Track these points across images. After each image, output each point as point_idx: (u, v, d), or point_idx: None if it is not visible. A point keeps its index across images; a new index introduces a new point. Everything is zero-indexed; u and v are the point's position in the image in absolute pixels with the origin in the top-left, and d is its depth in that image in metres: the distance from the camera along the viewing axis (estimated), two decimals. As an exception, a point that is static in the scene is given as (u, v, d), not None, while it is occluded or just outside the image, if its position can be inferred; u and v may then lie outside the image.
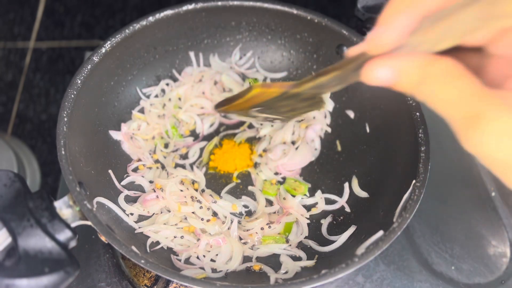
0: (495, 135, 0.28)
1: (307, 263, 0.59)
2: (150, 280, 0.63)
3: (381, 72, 0.32)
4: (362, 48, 0.34)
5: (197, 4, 0.68)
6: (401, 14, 0.31)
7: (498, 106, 0.29)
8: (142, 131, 0.70)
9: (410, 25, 0.31)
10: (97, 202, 0.56)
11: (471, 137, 0.29)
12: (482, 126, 0.29)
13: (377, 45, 0.32)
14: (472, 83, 0.30)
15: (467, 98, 0.30)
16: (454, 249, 0.68)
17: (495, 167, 0.30)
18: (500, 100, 0.29)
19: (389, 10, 0.31)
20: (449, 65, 0.31)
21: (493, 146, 0.29)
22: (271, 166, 0.68)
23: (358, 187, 0.65)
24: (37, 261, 0.46)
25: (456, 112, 0.30)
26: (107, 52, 0.64)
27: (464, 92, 0.30)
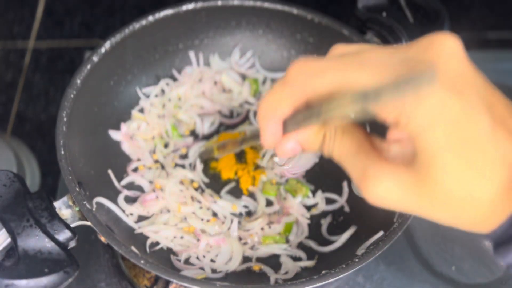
0: (382, 193, 0.33)
1: (307, 264, 0.59)
2: (149, 280, 0.63)
3: (289, 146, 0.37)
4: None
5: (197, 3, 0.68)
6: (268, 122, 0.37)
7: (381, 163, 0.33)
8: (142, 131, 0.70)
9: (278, 127, 0.37)
10: (96, 202, 0.56)
11: (364, 192, 0.34)
12: (369, 183, 0.33)
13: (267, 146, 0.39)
14: (358, 139, 0.35)
15: (354, 154, 0.35)
16: (455, 250, 0.68)
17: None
18: (382, 155, 0.34)
19: (260, 120, 0.37)
20: (337, 126, 0.36)
21: (384, 201, 0.33)
22: (277, 171, 0.67)
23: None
24: (37, 262, 0.46)
25: (348, 167, 0.35)
26: (106, 52, 0.64)
27: (350, 148, 0.35)
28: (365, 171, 0.33)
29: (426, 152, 0.31)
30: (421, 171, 0.31)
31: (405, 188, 0.32)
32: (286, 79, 0.35)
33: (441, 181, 0.31)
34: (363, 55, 0.32)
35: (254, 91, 0.75)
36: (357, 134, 0.36)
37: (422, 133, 0.30)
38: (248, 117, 0.73)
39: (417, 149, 0.31)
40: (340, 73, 0.32)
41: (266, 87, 0.75)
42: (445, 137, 0.30)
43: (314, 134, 0.37)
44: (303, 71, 0.34)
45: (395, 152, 0.34)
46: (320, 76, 0.33)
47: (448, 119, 0.30)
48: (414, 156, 0.32)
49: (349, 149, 0.35)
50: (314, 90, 0.33)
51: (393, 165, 0.33)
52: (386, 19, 0.67)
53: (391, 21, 0.66)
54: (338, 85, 0.32)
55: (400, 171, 0.32)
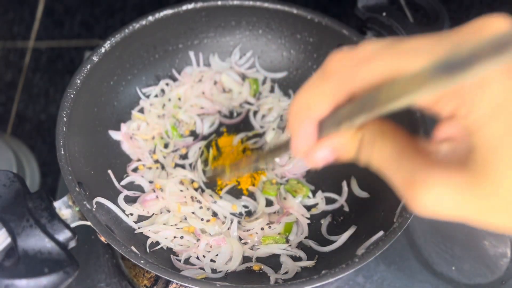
0: (434, 200, 0.28)
1: (307, 263, 0.59)
2: (149, 280, 0.63)
3: (322, 154, 0.34)
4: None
5: (197, 3, 0.68)
6: (302, 123, 0.32)
7: (430, 166, 0.29)
8: (142, 131, 0.70)
9: (313, 130, 0.32)
10: (96, 202, 0.56)
11: (413, 202, 0.29)
12: (419, 191, 0.29)
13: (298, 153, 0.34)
14: (399, 140, 0.31)
15: (397, 159, 0.30)
16: (455, 249, 0.68)
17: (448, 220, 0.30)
18: (429, 157, 0.30)
19: (291, 121, 0.33)
20: (376, 126, 0.31)
21: (437, 210, 0.29)
22: (278, 172, 0.67)
23: (357, 187, 0.65)
24: (37, 262, 0.46)
25: (391, 174, 0.31)
26: (106, 52, 0.64)
27: (392, 152, 0.30)
28: (412, 177, 0.29)
29: (485, 148, 0.27)
30: (479, 170, 0.27)
31: (460, 192, 0.28)
32: (325, 69, 0.31)
33: (504, 180, 0.27)
34: (408, 43, 0.28)
35: (254, 91, 0.75)
36: (398, 136, 0.31)
37: (483, 125, 0.26)
38: (248, 117, 0.73)
39: (475, 144, 0.27)
40: (391, 60, 0.28)
41: (266, 87, 0.75)
42: (509, 129, 0.26)
43: (350, 139, 0.33)
44: (346, 60, 0.30)
45: (445, 153, 0.30)
46: (368, 65, 0.28)
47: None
48: (469, 154, 0.28)
49: (391, 154, 0.31)
50: (362, 81, 0.29)
51: (444, 167, 0.29)
52: (386, 19, 0.67)
53: (391, 21, 0.66)
54: (390, 73, 0.28)
55: (453, 173, 0.28)
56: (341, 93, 0.30)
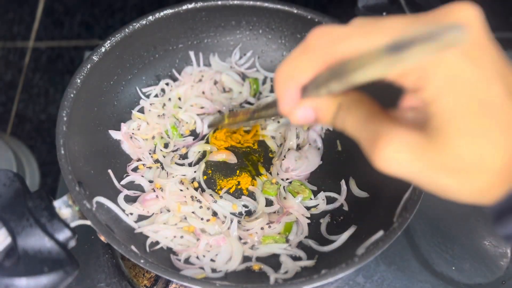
0: (392, 154, 0.32)
1: (307, 263, 0.59)
2: (149, 280, 0.63)
3: (304, 112, 0.38)
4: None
5: (197, 3, 0.68)
6: (287, 86, 0.37)
7: (393, 126, 0.33)
8: (142, 130, 0.70)
9: (297, 92, 0.37)
10: (96, 202, 0.56)
11: (374, 156, 0.33)
12: (380, 146, 0.33)
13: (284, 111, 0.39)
14: (371, 108, 0.35)
15: (367, 121, 0.35)
16: (455, 249, 0.68)
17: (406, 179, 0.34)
18: (395, 121, 0.34)
19: (278, 87, 0.37)
20: (353, 96, 0.36)
21: (394, 164, 0.33)
22: (283, 175, 0.67)
23: (356, 187, 0.65)
24: (37, 261, 0.46)
25: (360, 135, 0.35)
26: (106, 51, 0.64)
27: (364, 116, 0.35)
28: (375, 135, 0.33)
29: (440, 116, 0.31)
30: (433, 135, 0.31)
31: (415, 151, 0.32)
32: (307, 43, 0.35)
33: (453, 145, 0.31)
34: (385, 22, 0.32)
35: (255, 91, 0.75)
36: (370, 104, 0.36)
37: (438, 96, 0.30)
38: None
39: (431, 113, 0.31)
40: (365, 38, 0.32)
41: (266, 87, 0.75)
42: (460, 102, 0.30)
43: (329, 103, 0.37)
44: (326, 36, 0.34)
45: (407, 119, 0.34)
46: (344, 41, 0.32)
47: (463, 84, 0.30)
48: (427, 121, 0.32)
49: (361, 118, 0.35)
50: (337, 54, 0.33)
51: (405, 128, 0.33)
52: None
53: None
54: (359, 50, 0.31)
55: (411, 133, 0.32)
56: (320, 64, 0.34)
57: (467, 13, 0.31)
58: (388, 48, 0.27)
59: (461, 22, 0.30)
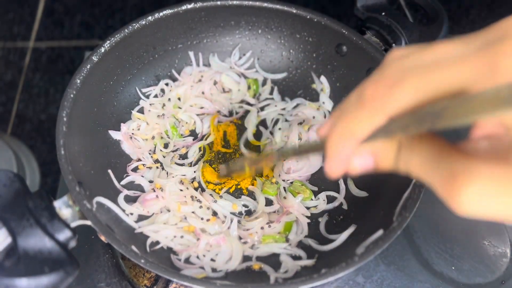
0: (476, 195, 0.27)
1: (307, 262, 0.59)
2: (150, 280, 0.63)
3: (362, 161, 0.34)
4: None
5: (196, 3, 0.68)
6: (345, 145, 0.33)
7: (469, 162, 0.28)
8: (142, 131, 0.70)
9: (354, 150, 0.33)
10: (96, 202, 0.56)
11: (455, 202, 0.28)
12: (459, 187, 0.28)
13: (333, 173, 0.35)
14: (437, 144, 0.30)
15: (436, 160, 0.30)
16: (454, 249, 0.68)
17: (496, 221, 0.29)
18: (469, 155, 0.29)
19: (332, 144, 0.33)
20: (412, 135, 0.31)
21: (479, 206, 0.28)
22: (284, 176, 0.67)
23: (355, 187, 0.65)
24: (37, 261, 0.46)
25: (431, 177, 0.30)
26: (106, 51, 0.64)
27: (431, 154, 0.30)
28: (451, 175, 0.28)
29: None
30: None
31: (503, 186, 0.27)
32: (363, 96, 0.31)
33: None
34: (434, 52, 0.29)
35: (254, 92, 0.75)
36: (436, 140, 0.31)
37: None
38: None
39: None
40: (423, 78, 0.28)
41: (266, 88, 0.75)
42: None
43: (389, 145, 0.33)
44: (381, 86, 0.30)
45: (484, 150, 0.29)
46: (400, 87, 0.29)
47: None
48: (510, 148, 0.28)
49: (429, 157, 0.30)
50: (398, 104, 0.29)
51: (484, 162, 0.28)
52: (385, 18, 0.67)
53: (390, 21, 0.66)
54: (424, 92, 0.28)
55: (494, 167, 0.27)
56: (380, 118, 0.30)
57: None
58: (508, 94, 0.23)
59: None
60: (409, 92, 0.29)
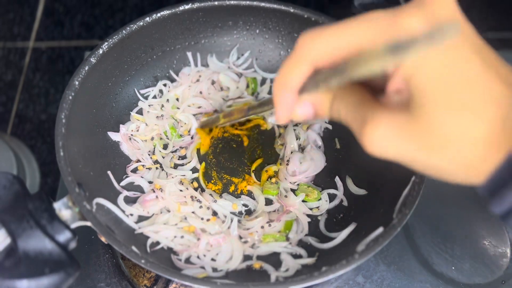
0: (380, 137, 0.34)
1: (307, 261, 0.59)
2: (150, 280, 0.64)
3: (303, 109, 0.40)
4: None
5: (194, 4, 0.68)
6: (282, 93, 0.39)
7: (380, 111, 0.35)
8: (141, 132, 0.70)
9: (293, 98, 0.39)
10: (96, 203, 0.56)
11: (364, 141, 0.35)
12: (368, 130, 0.35)
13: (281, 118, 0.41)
14: (362, 95, 0.37)
15: (358, 108, 0.36)
16: (454, 249, 0.68)
17: (398, 161, 0.36)
18: (383, 106, 0.35)
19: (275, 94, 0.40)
20: (346, 86, 0.38)
21: (382, 146, 0.34)
22: (291, 179, 0.67)
23: (353, 185, 0.65)
24: (37, 262, 0.46)
25: (352, 121, 0.37)
26: (104, 53, 0.64)
27: (356, 103, 0.37)
28: (365, 119, 0.35)
29: (419, 93, 0.32)
30: (416, 113, 0.32)
31: (401, 132, 0.33)
32: (294, 49, 0.37)
33: (435, 120, 0.32)
34: (357, 20, 0.35)
35: (252, 90, 0.75)
36: (360, 91, 0.38)
37: (415, 73, 0.32)
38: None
39: (411, 91, 0.32)
40: (338, 37, 0.35)
41: (264, 87, 0.75)
42: (437, 76, 0.31)
43: (325, 96, 0.39)
44: (308, 42, 0.36)
45: (396, 102, 0.35)
46: (319, 38, 0.35)
47: (440, 59, 0.31)
48: (410, 100, 0.33)
49: (354, 104, 0.37)
50: (317, 52, 0.35)
51: (389, 111, 0.34)
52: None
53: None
54: (338, 44, 0.34)
55: (396, 114, 0.34)
56: (306, 65, 0.37)
57: (446, 2, 0.33)
58: (389, 48, 0.28)
59: (441, 10, 0.32)
60: (327, 43, 0.35)
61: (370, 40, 0.33)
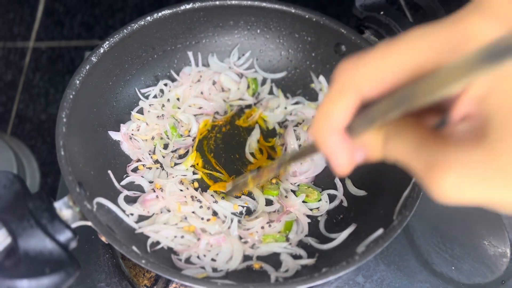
0: (453, 184, 0.27)
1: (307, 262, 0.59)
2: (150, 280, 0.64)
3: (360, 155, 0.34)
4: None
5: (195, 3, 0.68)
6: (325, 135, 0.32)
7: (448, 148, 0.28)
8: (141, 131, 0.70)
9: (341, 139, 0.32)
10: (97, 203, 0.56)
11: (434, 190, 0.28)
12: (437, 176, 0.27)
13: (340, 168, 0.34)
14: (420, 130, 0.30)
15: (419, 147, 0.29)
16: (454, 249, 0.68)
17: (480, 206, 0.29)
18: (449, 141, 0.28)
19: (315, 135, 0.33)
20: (399, 121, 0.31)
21: (460, 193, 0.27)
22: (292, 180, 0.67)
23: (353, 186, 0.65)
24: (38, 262, 0.46)
25: (415, 165, 0.30)
26: (105, 52, 0.64)
27: (415, 142, 0.30)
28: (430, 163, 0.28)
29: (497, 116, 0.26)
30: (496, 142, 0.26)
31: (480, 168, 0.26)
32: (333, 80, 0.32)
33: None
34: (406, 37, 0.29)
35: (253, 91, 0.75)
36: (417, 125, 0.31)
37: (490, 92, 0.26)
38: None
39: (486, 115, 0.26)
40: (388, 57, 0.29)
41: (265, 87, 0.75)
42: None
43: (375, 135, 0.32)
44: (349, 69, 0.31)
45: (463, 132, 0.28)
46: (366, 66, 0.30)
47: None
48: (484, 126, 0.27)
49: (413, 145, 0.30)
50: (365, 78, 0.30)
51: (461, 146, 0.27)
52: (384, 17, 0.67)
53: (389, 20, 0.66)
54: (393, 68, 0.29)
55: (469, 150, 0.27)
56: (351, 94, 0.31)
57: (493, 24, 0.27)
58: (486, 54, 0.22)
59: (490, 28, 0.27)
60: (374, 67, 0.29)
61: (430, 56, 0.28)
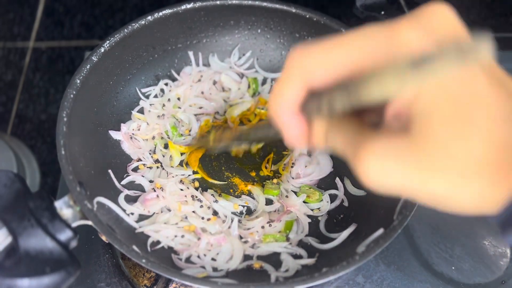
0: (375, 163, 0.30)
1: (307, 261, 0.59)
2: (150, 280, 0.64)
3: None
4: None
5: (196, 3, 0.68)
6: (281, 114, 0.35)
7: (375, 136, 0.31)
8: (142, 131, 0.70)
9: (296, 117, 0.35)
10: (97, 202, 0.56)
11: (358, 170, 0.31)
12: (361, 156, 0.30)
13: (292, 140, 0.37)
14: (359, 126, 0.33)
15: (354, 138, 0.32)
16: (454, 249, 0.68)
17: (397, 193, 0.31)
18: (376, 133, 0.31)
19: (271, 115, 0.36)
20: (343, 117, 0.35)
21: (379, 174, 0.30)
22: (295, 182, 0.67)
23: (352, 186, 0.65)
24: (38, 261, 0.46)
25: (348, 152, 0.33)
26: (106, 51, 0.64)
27: (351, 134, 0.33)
28: (357, 146, 0.31)
29: (421, 112, 0.29)
30: (417, 133, 0.29)
31: (401, 157, 0.29)
32: (285, 66, 0.35)
33: (437, 140, 0.28)
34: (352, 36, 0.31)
35: (254, 91, 0.75)
36: (356, 123, 0.34)
37: (419, 94, 0.29)
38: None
39: (412, 112, 0.29)
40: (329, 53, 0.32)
41: (265, 87, 0.75)
42: (441, 93, 0.28)
43: (321, 123, 0.35)
44: (298, 58, 0.33)
45: (392, 127, 0.31)
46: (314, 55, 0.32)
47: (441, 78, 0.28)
48: (410, 122, 0.29)
49: (347, 135, 0.33)
50: (312, 70, 0.32)
51: (386, 136, 0.30)
52: (384, 18, 0.67)
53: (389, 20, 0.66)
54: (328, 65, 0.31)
55: (394, 139, 0.30)
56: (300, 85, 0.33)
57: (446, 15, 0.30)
58: (412, 63, 0.25)
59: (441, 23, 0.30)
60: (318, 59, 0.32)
61: (368, 57, 0.30)
